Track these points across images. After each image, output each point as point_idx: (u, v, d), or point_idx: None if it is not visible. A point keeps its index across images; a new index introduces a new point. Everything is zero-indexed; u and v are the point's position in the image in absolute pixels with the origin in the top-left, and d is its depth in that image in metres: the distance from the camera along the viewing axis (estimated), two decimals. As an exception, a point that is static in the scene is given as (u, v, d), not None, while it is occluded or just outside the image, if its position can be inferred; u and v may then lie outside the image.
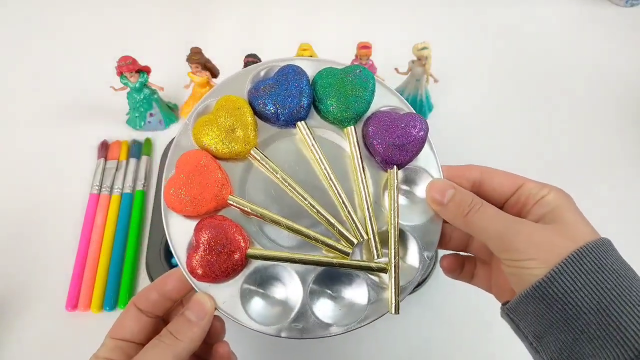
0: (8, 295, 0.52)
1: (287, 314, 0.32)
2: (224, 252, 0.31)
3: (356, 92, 0.34)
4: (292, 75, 0.34)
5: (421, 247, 0.34)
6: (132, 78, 0.58)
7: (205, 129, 0.33)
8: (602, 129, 0.66)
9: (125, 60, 0.56)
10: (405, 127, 0.34)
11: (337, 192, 0.34)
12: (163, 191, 0.33)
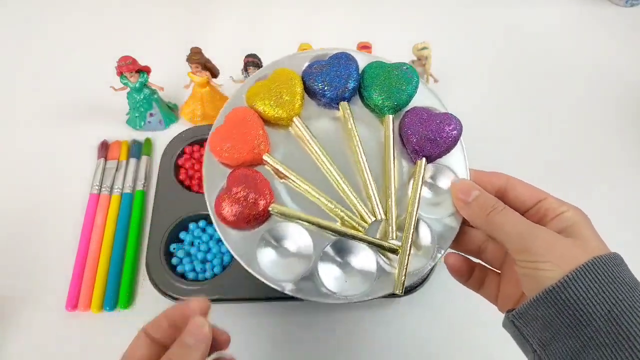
0: (8, 295, 0.52)
1: (296, 273, 0.34)
2: (250, 199, 0.34)
3: (400, 85, 0.37)
4: (344, 60, 0.38)
5: (435, 240, 0.35)
6: (132, 78, 0.58)
7: (257, 92, 0.37)
8: (602, 129, 0.66)
9: (125, 60, 0.56)
10: (440, 124, 0.36)
11: (366, 171, 0.36)
12: (209, 137, 0.36)
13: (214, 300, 0.50)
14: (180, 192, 0.56)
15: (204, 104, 0.61)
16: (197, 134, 0.61)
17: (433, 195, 0.37)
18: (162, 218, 0.54)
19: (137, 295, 0.52)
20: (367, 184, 0.36)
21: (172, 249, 0.53)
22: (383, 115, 0.38)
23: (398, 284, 0.34)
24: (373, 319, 0.51)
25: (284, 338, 0.50)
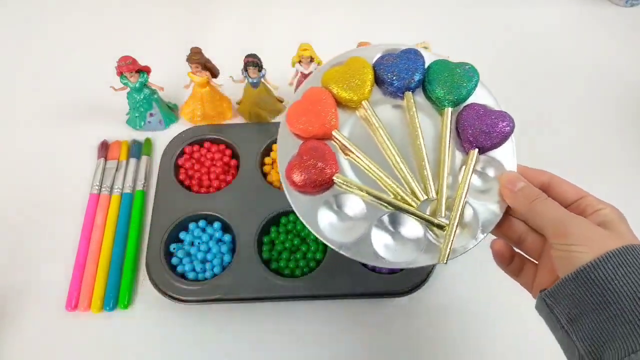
0: (8, 295, 0.52)
1: (350, 237, 0.38)
2: (317, 167, 0.38)
3: (462, 82, 0.41)
4: (413, 55, 0.42)
5: (479, 222, 0.38)
6: (132, 78, 0.58)
7: (333, 75, 0.42)
8: (602, 129, 0.66)
9: (125, 60, 0.56)
10: (495, 119, 0.40)
11: (424, 154, 0.40)
12: (287, 111, 0.41)
13: (214, 300, 0.50)
14: (180, 192, 0.56)
15: (204, 104, 0.61)
16: (197, 134, 0.61)
17: (481, 183, 0.40)
18: (162, 218, 0.54)
19: (137, 295, 0.52)
20: (423, 166, 0.39)
21: (172, 249, 0.53)
22: (443, 107, 0.41)
23: (443, 255, 0.37)
24: (373, 319, 0.51)
25: (284, 338, 0.51)
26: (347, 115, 0.42)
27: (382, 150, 0.41)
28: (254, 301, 0.51)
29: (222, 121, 0.64)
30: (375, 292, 0.51)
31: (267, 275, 0.51)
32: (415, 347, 0.50)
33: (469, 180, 0.39)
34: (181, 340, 0.50)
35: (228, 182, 0.58)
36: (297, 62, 0.58)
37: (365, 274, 0.51)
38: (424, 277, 0.51)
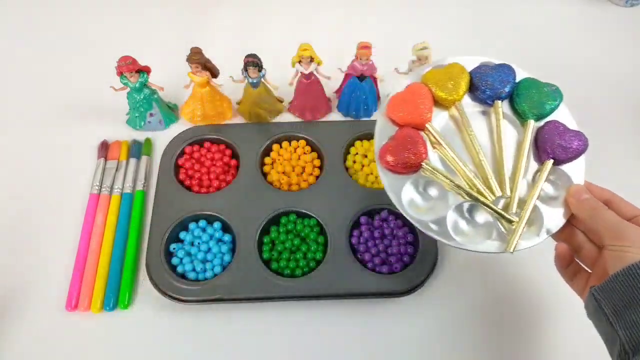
0: (8, 295, 0.52)
1: (428, 216, 0.44)
2: (409, 150, 0.43)
3: (547, 99, 0.47)
4: (507, 69, 0.48)
5: (544, 223, 0.43)
6: (132, 78, 0.58)
7: (432, 75, 0.47)
8: (602, 129, 0.66)
9: (125, 60, 0.56)
10: (572, 137, 0.45)
11: (504, 157, 0.45)
12: (388, 100, 0.47)
13: (214, 300, 0.50)
14: (180, 192, 0.57)
15: (204, 104, 0.61)
16: (197, 134, 0.61)
17: (551, 191, 0.45)
18: (162, 218, 0.54)
19: (137, 295, 0.52)
20: (502, 166, 0.44)
21: (172, 248, 0.53)
22: (526, 119, 0.46)
23: (510, 245, 0.42)
24: (373, 319, 0.51)
25: (284, 337, 0.51)
26: (439, 112, 0.48)
27: (467, 147, 0.46)
28: (254, 301, 0.51)
29: (222, 121, 0.64)
30: (375, 292, 0.51)
31: (267, 275, 0.51)
32: (415, 347, 0.50)
33: (541, 186, 0.44)
34: (181, 340, 0.50)
35: (228, 182, 0.58)
36: (297, 62, 0.58)
37: (365, 274, 0.51)
38: (423, 278, 0.51)
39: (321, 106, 0.64)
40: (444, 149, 0.45)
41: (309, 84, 0.60)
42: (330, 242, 0.53)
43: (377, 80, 0.62)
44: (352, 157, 0.60)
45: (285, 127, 0.62)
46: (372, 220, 0.55)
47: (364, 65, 0.58)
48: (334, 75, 0.61)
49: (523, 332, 0.51)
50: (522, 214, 0.43)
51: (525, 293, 0.54)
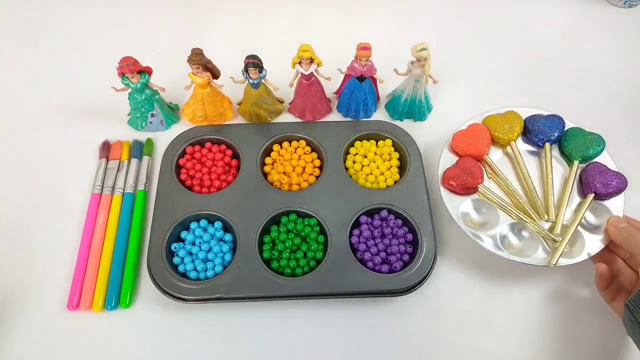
0: (10, 295, 0.52)
1: (483, 230, 0.53)
2: (469, 175, 0.54)
3: (591, 145, 0.57)
4: (557, 119, 0.59)
5: (585, 245, 0.51)
6: (134, 79, 0.58)
7: (492, 119, 0.59)
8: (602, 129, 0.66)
9: (126, 61, 0.56)
10: (612, 177, 0.54)
11: (552, 188, 0.55)
12: (452, 138, 0.58)
13: (215, 299, 0.50)
14: (181, 192, 0.57)
15: (205, 105, 0.62)
16: (198, 135, 0.61)
17: (594, 220, 0.54)
18: (164, 218, 0.54)
19: (139, 294, 0.53)
20: (549, 195, 0.55)
21: (174, 248, 0.53)
22: (572, 160, 0.57)
23: (553, 259, 0.50)
24: (373, 318, 0.52)
25: (284, 336, 0.51)
26: (495, 150, 0.59)
27: (518, 179, 0.57)
28: (254, 300, 0.51)
29: (223, 122, 0.64)
30: (375, 291, 0.51)
31: (268, 274, 0.51)
32: (415, 346, 0.50)
33: (583, 213, 0.53)
34: (183, 339, 0.51)
35: (229, 182, 0.58)
36: (297, 63, 0.58)
37: (365, 273, 0.51)
38: (423, 277, 0.51)
39: (321, 107, 0.64)
40: (498, 178, 0.56)
41: (309, 84, 0.61)
42: (330, 242, 0.53)
43: (376, 81, 0.63)
44: (352, 158, 0.60)
45: (285, 127, 0.62)
46: (372, 220, 0.55)
47: (363, 66, 0.59)
48: (334, 76, 0.61)
49: (523, 330, 0.51)
50: (564, 235, 0.52)
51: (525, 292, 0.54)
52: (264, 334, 0.51)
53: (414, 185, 0.57)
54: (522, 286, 0.54)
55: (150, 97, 0.61)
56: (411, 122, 0.66)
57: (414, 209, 0.55)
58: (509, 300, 0.53)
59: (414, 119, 0.66)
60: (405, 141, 0.60)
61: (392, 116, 0.66)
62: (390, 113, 0.66)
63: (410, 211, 0.55)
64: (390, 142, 0.61)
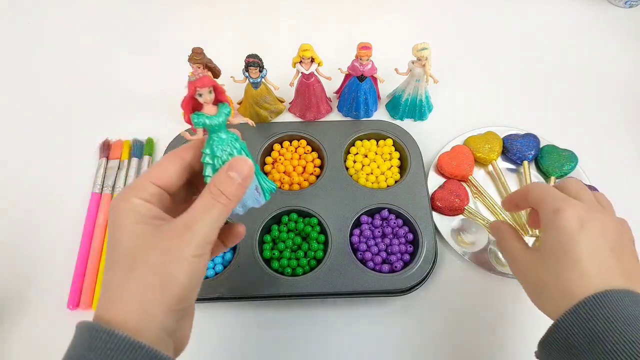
0: (10, 294, 0.52)
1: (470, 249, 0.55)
2: (456, 197, 0.57)
3: (565, 161, 0.60)
4: (533, 138, 0.62)
5: None
6: (210, 108, 0.34)
7: (473, 140, 0.62)
8: (602, 129, 0.66)
9: (206, 84, 0.33)
10: None
11: None
12: (437, 159, 0.61)
13: (215, 298, 0.50)
14: (181, 191, 0.57)
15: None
16: (198, 134, 0.61)
17: None
18: (164, 217, 0.54)
19: (139, 293, 0.53)
20: None
21: (174, 247, 0.53)
22: (549, 176, 0.60)
23: None
24: (372, 318, 0.52)
25: (284, 336, 0.51)
26: (478, 169, 0.61)
27: (501, 196, 0.60)
28: (255, 299, 0.51)
29: (223, 121, 0.64)
30: (376, 291, 0.51)
31: (269, 273, 0.51)
32: (416, 345, 0.50)
33: None
34: (182, 338, 0.50)
35: (229, 182, 0.58)
36: (298, 62, 0.58)
37: (366, 272, 0.51)
38: (423, 276, 0.51)
39: (322, 106, 0.64)
40: (484, 197, 0.59)
41: (309, 84, 0.61)
42: (331, 241, 0.53)
43: (377, 81, 0.63)
44: (353, 157, 0.60)
45: (286, 127, 0.62)
46: (372, 220, 0.55)
47: (364, 65, 0.59)
48: (335, 76, 0.61)
49: (522, 331, 0.51)
50: None
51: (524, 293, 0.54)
52: (264, 334, 0.51)
53: (415, 185, 0.57)
54: (522, 286, 0.54)
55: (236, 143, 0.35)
56: (412, 121, 0.66)
57: (415, 208, 0.55)
58: (510, 300, 0.53)
59: (414, 118, 0.66)
60: (405, 141, 0.60)
61: (393, 116, 0.66)
62: (391, 113, 0.66)
63: (411, 211, 0.55)
64: (391, 142, 0.61)
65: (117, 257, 0.30)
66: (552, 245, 0.36)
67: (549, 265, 0.36)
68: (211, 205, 0.30)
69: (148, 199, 0.31)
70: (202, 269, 0.31)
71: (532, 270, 0.38)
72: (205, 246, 0.30)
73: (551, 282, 0.36)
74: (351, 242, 0.53)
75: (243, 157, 0.33)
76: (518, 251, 0.40)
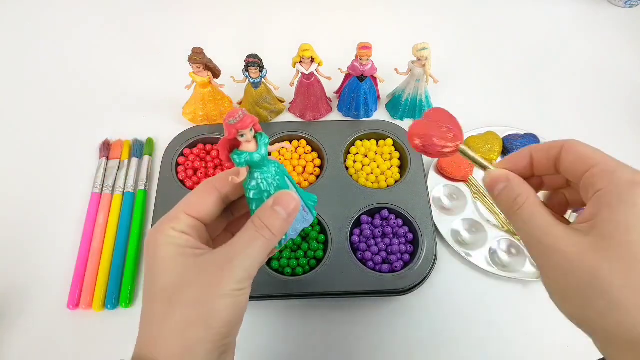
0: (10, 294, 0.52)
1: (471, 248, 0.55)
2: (444, 131, 0.33)
3: None
4: (532, 137, 0.61)
5: None
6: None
7: (473, 140, 0.62)
8: (601, 129, 0.66)
9: (245, 124, 0.30)
10: None
11: None
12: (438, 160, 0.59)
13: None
14: (181, 191, 0.57)
15: (205, 104, 0.62)
16: (198, 134, 0.61)
17: None
18: (164, 217, 0.54)
19: (139, 294, 0.53)
20: None
21: (174, 247, 0.53)
22: None
23: None
24: (372, 318, 0.52)
25: (284, 336, 0.51)
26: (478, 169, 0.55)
27: None
28: (254, 299, 0.51)
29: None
30: (376, 291, 0.51)
31: (269, 273, 0.51)
32: (416, 345, 0.50)
33: None
34: (182, 338, 0.50)
35: (229, 182, 0.58)
36: (298, 62, 0.58)
37: (366, 272, 0.51)
38: (423, 276, 0.51)
39: (322, 106, 0.64)
40: (484, 196, 0.58)
41: (309, 84, 0.61)
42: (330, 241, 0.53)
43: (377, 81, 0.63)
44: (353, 157, 0.60)
45: (286, 127, 0.62)
46: (372, 219, 0.55)
47: (364, 65, 0.59)
48: (335, 76, 0.61)
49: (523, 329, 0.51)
50: None
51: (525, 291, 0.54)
52: (263, 334, 0.51)
53: (415, 185, 0.57)
54: (523, 285, 0.54)
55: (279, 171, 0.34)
56: (412, 121, 0.66)
57: (415, 208, 0.55)
58: (510, 300, 0.53)
59: (414, 118, 0.66)
60: (405, 141, 0.60)
61: (393, 116, 0.66)
62: (391, 113, 0.66)
63: (411, 211, 0.55)
64: (391, 142, 0.61)
65: (156, 292, 0.29)
66: (626, 231, 0.24)
67: (620, 260, 0.23)
68: (254, 239, 0.29)
69: (185, 230, 0.30)
70: (244, 303, 0.30)
71: (580, 264, 0.24)
72: (246, 280, 0.29)
73: (620, 286, 0.23)
74: (351, 241, 0.53)
75: (289, 191, 0.32)
76: (553, 229, 0.26)
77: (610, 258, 0.24)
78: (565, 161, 0.29)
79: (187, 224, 0.30)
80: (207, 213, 0.31)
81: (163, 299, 0.28)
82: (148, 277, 0.30)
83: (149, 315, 0.29)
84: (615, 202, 0.24)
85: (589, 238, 0.25)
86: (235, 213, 0.35)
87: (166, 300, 0.28)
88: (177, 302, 0.28)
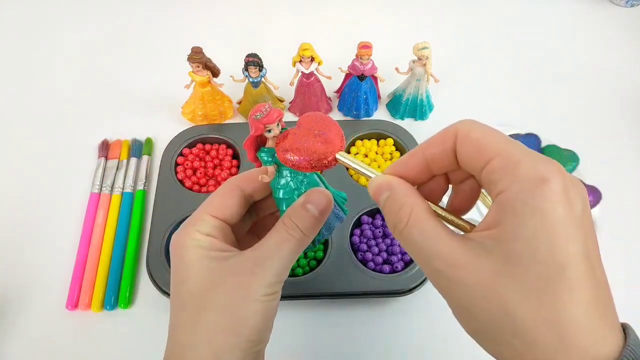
0: (8, 295, 0.52)
1: None
2: (320, 136, 0.27)
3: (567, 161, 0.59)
4: (533, 138, 0.61)
5: None
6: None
7: None
8: (602, 129, 0.66)
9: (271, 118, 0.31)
10: (588, 191, 0.55)
11: None
12: None
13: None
14: (180, 191, 0.56)
15: (205, 104, 0.61)
16: (197, 134, 0.61)
17: None
18: (163, 217, 0.54)
19: (138, 294, 0.52)
20: None
21: (173, 248, 0.53)
22: None
23: None
24: (373, 319, 0.51)
25: (284, 337, 0.50)
26: None
27: None
28: (254, 300, 0.51)
29: (223, 121, 0.64)
30: (377, 291, 0.51)
31: (268, 274, 0.51)
32: (417, 345, 0.50)
33: None
34: (182, 339, 0.50)
35: (229, 182, 0.58)
36: (298, 61, 0.58)
37: (367, 273, 0.51)
38: (424, 277, 0.51)
39: (322, 106, 0.64)
40: (484, 196, 0.51)
41: (309, 83, 0.60)
42: (331, 242, 0.52)
43: (377, 80, 0.62)
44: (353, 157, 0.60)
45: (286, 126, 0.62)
46: (373, 220, 0.55)
47: (364, 64, 0.58)
48: (335, 75, 0.61)
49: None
50: None
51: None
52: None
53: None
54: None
55: None
56: (412, 121, 0.66)
57: (416, 208, 0.55)
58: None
59: (415, 118, 0.66)
60: (406, 140, 0.60)
61: (394, 115, 0.66)
62: (392, 112, 0.66)
63: (412, 211, 0.54)
64: (391, 142, 0.61)
65: (184, 297, 0.28)
66: (534, 250, 0.19)
67: (531, 289, 0.20)
68: (284, 240, 0.28)
69: (210, 232, 0.29)
70: (275, 309, 0.29)
71: (487, 301, 0.21)
72: (277, 285, 0.28)
73: (533, 321, 0.20)
74: (352, 242, 0.53)
75: (321, 188, 0.30)
76: (446, 244, 0.22)
77: (519, 288, 0.20)
78: (460, 153, 0.23)
79: (212, 225, 0.29)
80: (231, 213, 0.30)
81: (191, 305, 0.28)
82: (175, 281, 0.29)
83: (177, 321, 0.29)
84: (519, 208, 0.20)
85: (493, 258, 0.20)
86: (259, 213, 0.34)
87: (195, 306, 0.28)
88: (205, 309, 0.27)
